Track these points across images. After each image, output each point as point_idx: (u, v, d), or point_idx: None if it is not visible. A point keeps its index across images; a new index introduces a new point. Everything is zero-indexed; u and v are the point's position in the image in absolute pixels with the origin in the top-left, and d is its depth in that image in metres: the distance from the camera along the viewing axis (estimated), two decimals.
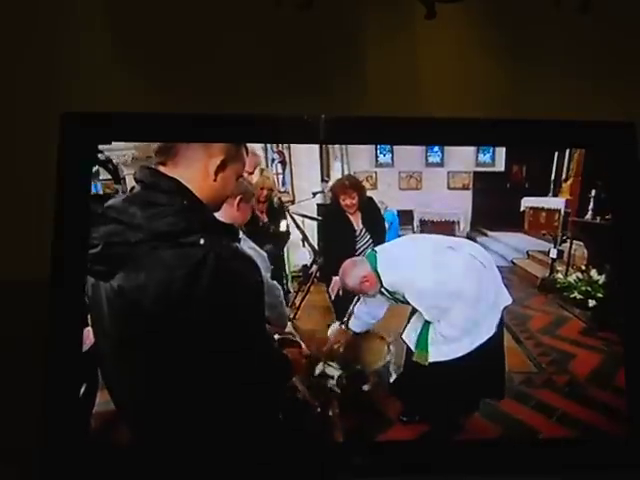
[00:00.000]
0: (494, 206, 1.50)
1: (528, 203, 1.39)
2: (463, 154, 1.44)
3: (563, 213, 1.33)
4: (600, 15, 1.19)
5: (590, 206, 1.23)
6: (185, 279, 0.75)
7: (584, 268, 1.20)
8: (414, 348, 1.13)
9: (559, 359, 1.15)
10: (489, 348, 1.10)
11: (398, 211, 1.35)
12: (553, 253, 1.31)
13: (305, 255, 1.33)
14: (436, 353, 1.10)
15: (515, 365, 1.12)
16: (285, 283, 1.32)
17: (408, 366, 1.14)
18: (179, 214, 0.77)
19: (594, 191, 1.22)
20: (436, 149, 1.38)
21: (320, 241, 1.31)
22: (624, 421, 0.99)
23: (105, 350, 0.84)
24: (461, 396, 1.10)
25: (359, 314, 1.20)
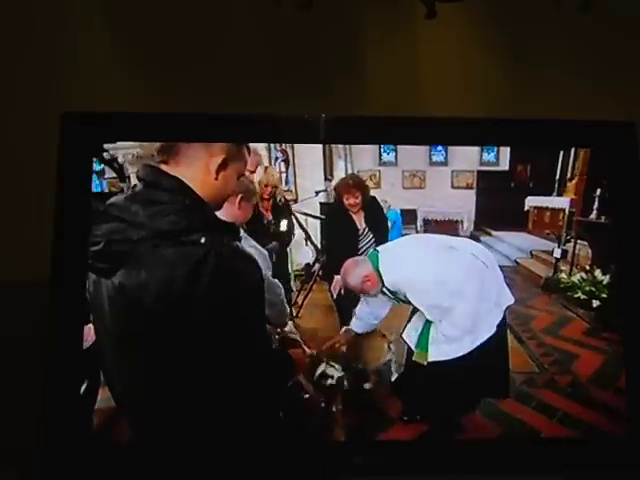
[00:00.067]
0: (498, 205, 1.49)
1: (532, 202, 1.38)
2: (467, 153, 1.44)
3: (568, 213, 1.32)
4: (600, 14, 1.19)
5: (595, 206, 1.22)
6: (186, 277, 0.75)
7: (588, 268, 1.19)
8: (414, 347, 1.13)
9: (562, 359, 1.14)
10: (490, 347, 1.09)
11: (401, 210, 1.34)
12: (557, 253, 1.30)
13: (308, 254, 1.33)
14: (437, 352, 1.10)
15: (517, 365, 1.12)
16: (288, 281, 1.32)
17: (409, 365, 1.14)
18: (181, 213, 0.77)
19: (599, 190, 1.21)
20: (440, 148, 1.38)
21: (323, 240, 1.31)
22: (626, 421, 0.98)
23: (106, 348, 0.84)
24: (463, 396, 1.10)
25: (361, 314, 1.20)
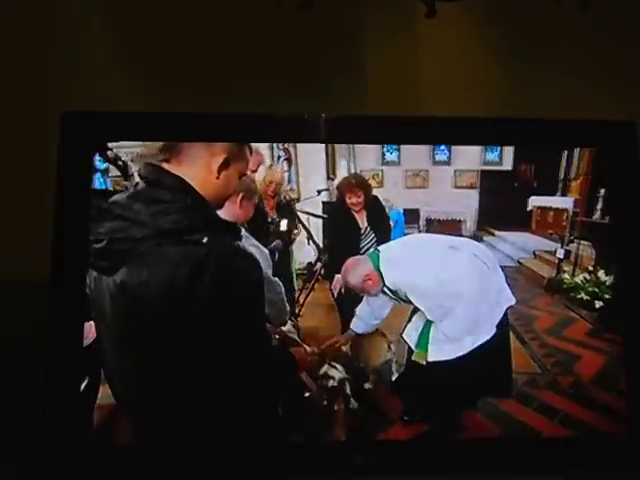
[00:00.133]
0: (501, 205, 1.48)
1: (535, 202, 1.37)
2: (470, 153, 1.43)
3: (571, 213, 1.31)
4: (600, 13, 1.18)
5: (598, 206, 1.21)
6: (188, 276, 0.75)
7: (591, 269, 1.18)
8: (414, 347, 1.12)
9: (564, 360, 1.13)
10: (491, 347, 1.09)
11: (404, 210, 1.34)
12: (560, 253, 1.29)
13: (310, 252, 1.33)
14: (437, 352, 1.10)
15: (519, 366, 1.11)
16: (291, 280, 1.32)
17: (410, 365, 1.13)
18: (182, 212, 0.77)
19: (603, 191, 1.20)
20: (443, 147, 1.37)
21: (325, 239, 1.31)
22: (626, 422, 0.98)
23: (107, 345, 0.84)
24: (464, 395, 1.09)
25: (362, 315, 1.19)
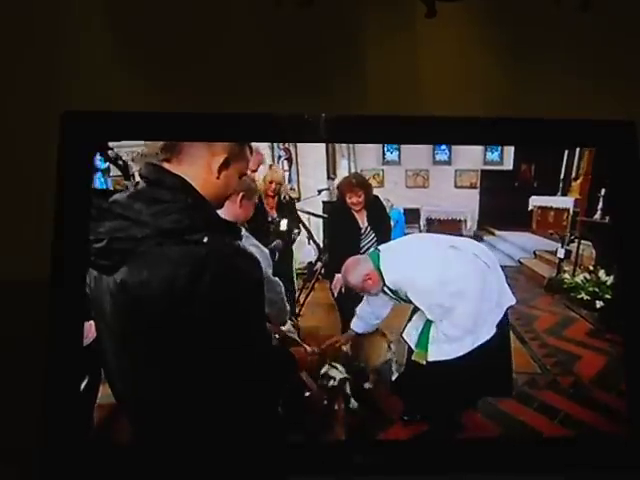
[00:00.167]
0: (502, 205, 1.48)
1: (536, 202, 1.37)
2: (471, 152, 1.43)
3: (572, 212, 1.31)
4: (600, 13, 1.18)
5: (599, 206, 1.21)
6: (188, 276, 0.75)
7: (592, 269, 1.18)
8: (414, 347, 1.12)
9: (564, 360, 1.13)
10: (491, 347, 1.09)
11: (405, 209, 1.34)
12: (560, 253, 1.29)
13: (310, 252, 1.33)
14: (437, 352, 1.09)
15: (519, 366, 1.11)
16: (292, 279, 1.32)
17: (410, 365, 1.13)
18: (183, 211, 0.77)
19: (604, 190, 1.20)
20: (444, 147, 1.37)
21: (325, 238, 1.31)
22: (627, 422, 0.98)
23: (107, 344, 0.84)
24: (464, 395, 1.09)
25: (362, 314, 1.19)
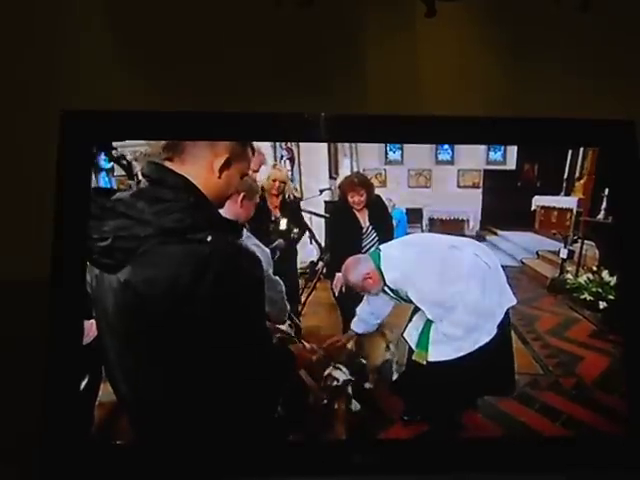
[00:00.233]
0: (504, 205, 1.47)
1: (539, 202, 1.35)
2: (473, 152, 1.42)
3: (575, 212, 1.30)
4: (600, 13, 1.17)
5: (603, 206, 1.20)
6: (191, 275, 0.75)
7: (595, 269, 1.17)
8: (415, 347, 1.12)
9: (566, 361, 1.13)
10: (492, 348, 1.09)
11: (407, 209, 1.33)
12: (563, 253, 1.28)
13: (312, 252, 1.33)
14: (438, 352, 1.09)
15: (521, 366, 1.11)
16: (296, 279, 1.31)
17: (410, 365, 1.13)
18: (185, 210, 0.77)
19: (607, 190, 1.19)
20: (446, 147, 1.36)
21: (327, 238, 1.31)
22: (626, 423, 0.98)
23: (108, 343, 0.84)
24: (464, 395, 1.09)
25: (362, 315, 1.19)
